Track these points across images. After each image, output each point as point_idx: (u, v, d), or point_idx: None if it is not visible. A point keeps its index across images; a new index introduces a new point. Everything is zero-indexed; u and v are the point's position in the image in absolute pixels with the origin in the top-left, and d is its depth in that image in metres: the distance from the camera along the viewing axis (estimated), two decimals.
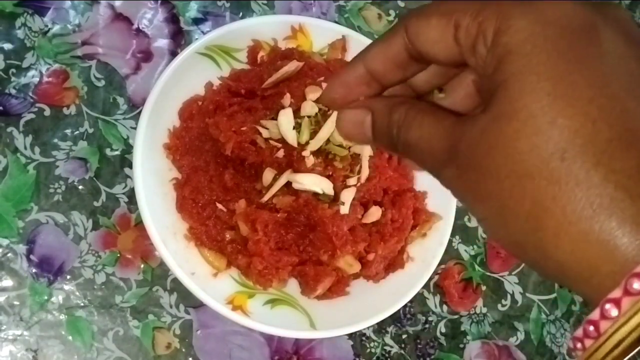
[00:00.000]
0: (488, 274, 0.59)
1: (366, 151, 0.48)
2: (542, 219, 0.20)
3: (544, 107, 0.20)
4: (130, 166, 0.51)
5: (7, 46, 0.53)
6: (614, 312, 0.18)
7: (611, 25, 0.21)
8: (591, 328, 0.19)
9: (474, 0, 0.22)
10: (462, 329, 0.58)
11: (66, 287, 0.50)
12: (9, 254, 0.49)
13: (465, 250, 0.59)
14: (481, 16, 0.21)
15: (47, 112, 0.52)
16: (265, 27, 0.53)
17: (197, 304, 0.51)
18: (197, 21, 0.57)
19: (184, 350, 0.51)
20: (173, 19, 0.57)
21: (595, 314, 0.19)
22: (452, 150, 0.22)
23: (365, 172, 0.48)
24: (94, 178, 0.52)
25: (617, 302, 0.18)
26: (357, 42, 0.55)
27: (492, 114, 0.21)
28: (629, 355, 0.19)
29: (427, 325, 0.57)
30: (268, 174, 0.47)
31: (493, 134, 0.21)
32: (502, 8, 0.21)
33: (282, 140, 0.47)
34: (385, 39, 0.25)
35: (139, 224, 0.51)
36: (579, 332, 0.20)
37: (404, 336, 0.56)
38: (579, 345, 0.20)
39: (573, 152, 0.19)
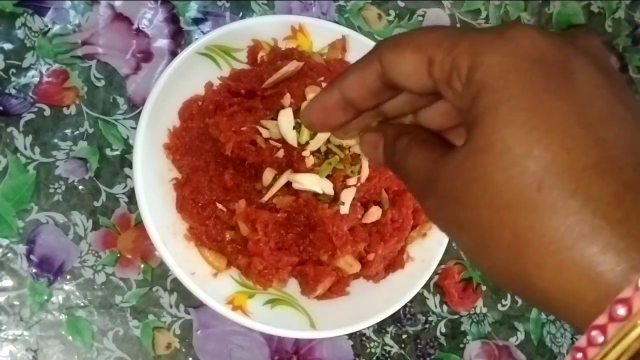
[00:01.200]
0: None
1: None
2: (523, 250, 0.20)
3: (519, 138, 0.20)
4: (130, 166, 0.51)
5: (7, 46, 0.53)
6: (600, 339, 0.18)
7: (583, 55, 0.21)
8: (579, 355, 0.19)
9: (446, 33, 0.23)
10: (462, 329, 0.58)
11: (66, 287, 0.50)
12: (9, 254, 0.49)
13: None
14: (454, 52, 0.22)
15: (47, 112, 0.52)
16: (265, 27, 0.53)
17: (197, 304, 0.51)
18: (197, 21, 0.57)
19: (184, 350, 0.51)
20: (173, 19, 0.57)
21: (582, 341, 0.19)
22: (432, 182, 0.23)
23: (365, 172, 0.48)
24: (94, 178, 0.52)
25: (602, 329, 0.18)
26: (357, 42, 0.55)
27: (469, 147, 0.21)
28: None
29: (427, 325, 0.57)
30: (268, 174, 0.47)
31: (470, 167, 0.21)
32: (474, 43, 0.21)
33: (282, 140, 0.47)
34: (360, 67, 0.26)
35: (139, 224, 0.51)
36: (569, 359, 0.20)
37: (404, 336, 0.56)
38: None
39: (550, 182, 0.19)
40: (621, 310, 0.18)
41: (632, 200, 0.19)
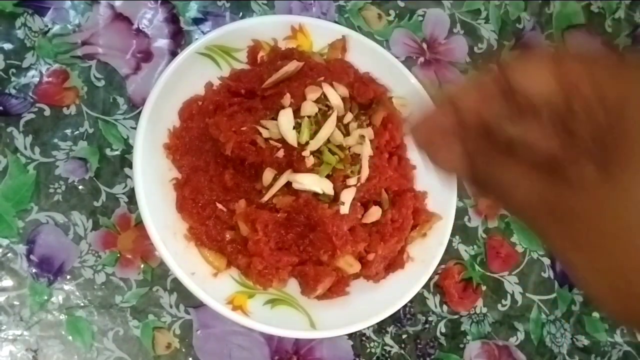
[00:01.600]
0: (488, 274, 0.59)
1: (366, 151, 0.48)
2: None
3: None
4: (130, 166, 0.51)
5: (7, 46, 0.53)
6: None
7: None
8: None
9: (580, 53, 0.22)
10: (462, 329, 0.58)
11: (66, 287, 0.50)
12: (9, 254, 0.49)
13: (465, 250, 0.59)
14: (597, 76, 0.21)
15: (47, 112, 0.52)
16: (265, 27, 0.53)
17: (197, 304, 0.51)
18: (197, 21, 0.57)
19: (184, 350, 0.51)
20: (173, 19, 0.57)
21: None
22: (557, 209, 0.22)
23: (365, 172, 0.48)
24: (94, 178, 0.52)
25: None
26: (357, 42, 0.55)
27: (620, 183, 0.21)
28: None
29: (427, 325, 0.57)
30: (268, 174, 0.47)
31: (620, 204, 0.21)
32: (616, 72, 0.21)
33: (282, 140, 0.47)
34: (479, 85, 0.25)
35: (139, 224, 0.51)
36: None
37: (404, 336, 0.56)
38: None
39: None
40: None
41: None
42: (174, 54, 0.56)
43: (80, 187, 0.52)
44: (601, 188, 0.21)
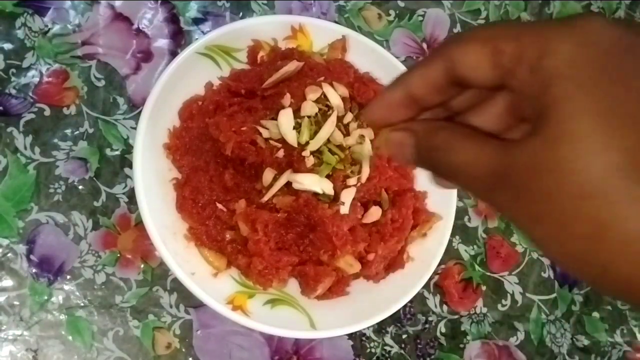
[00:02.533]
0: (488, 274, 0.59)
1: (366, 151, 0.48)
2: (604, 238, 0.20)
3: (597, 127, 0.20)
4: (130, 166, 0.51)
5: (7, 46, 0.53)
6: None
7: None
8: None
9: (511, 24, 0.23)
10: (462, 329, 0.58)
11: (66, 287, 0.50)
12: (9, 254, 0.49)
13: (465, 250, 0.59)
14: (522, 40, 0.22)
15: (47, 112, 0.52)
16: (265, 27, 0.53)
17: (197, 304, 0.51)
18: (197, 21, 0.57)
19: (184, 350, 0.51)
20: (173, 19, 0.57)
21: None
22: (501, 174, 0.23)
23: (365, 172, 0.48)
24: (94, 178, 0.52)
25: None
26: (357, 42, 0.55)
27: (544, 137, 0.21)
28: None
29: (427, 325, 0.57)
30: (268, 174, 0.47)
31: (547, 157, 0.21)
32: (543, 32, 0.22)
33: (282, 140, 0.47)
34: (425, 64, 0.26)
35: (139, 224, 0.51)
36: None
37: (404, 336, 0.56)
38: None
39: (629, 171, 0.20)
40: None
41: None
42: (174, 54, 0.56)
43: (80, 187, 0.52)
44: (531, 144, 0.22)
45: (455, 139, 0.25)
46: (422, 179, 0.53)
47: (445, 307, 0.58)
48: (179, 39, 0.57)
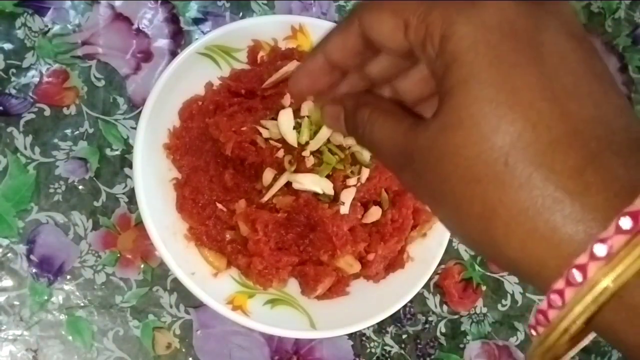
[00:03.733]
0: (488, 274, 0.59)
1: (366, 151, 0.48)
2: (492, 220, 0.21)
3: (487, 114, 0.21)
4: (130, 166, 0.51)
5: (7, 46, 0.53)
6: (559, 302, 0.20)
7: (553, 23, 0.22)
8: (541, 317, 0.21)
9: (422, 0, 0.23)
10: (462, 329, 0.58)
11: (66, 287, 0.50)
12: (9, 254, 0.49)
13: (465, 250, 0.59)
14: (428, 19, 0.22)
15: (47, 112, 0.52)
16: (265, 27, 0.53)
17: (197, 304, 0.51)
18: (197, 21, 0.57)
19: (184, 350, 0.51)
20: (173, 19, 0.57)
21: (543, 304, 0.20)
22: (408, 154, 0.23)
23: (365, 172, 0.48)
24: (94, 178, 0.52)
25: (560, 293, 0.20)
26: None
27: (440, 122, 0.22)
28: (580, 344, 0.21)
29: (427, 325, 0.57)
30: (268, 174, 0.47)
31: (442, 143, 0.22)
32: (448, 11, 0.22)
33: (282, 140, 0.47)
34: (341, 29, 0.26)
35: (139, 224, 0.51)
36: (533, 320, 0.21)
37: (404, 336, 0.56)
38: (533, 332, 0.21)
39: (515, 157, 0.20)
40: (577, 276, 0.19)
41: (592, 173, 0.20)
42: (174, 54, 0.56)
43: (80, 187, 0.52)
44: (431, 128, 0.22)
45: (376, 116, 0.26)
46: None
47: (445, 307, 0.58)
48: (179, 39, 0.57)
